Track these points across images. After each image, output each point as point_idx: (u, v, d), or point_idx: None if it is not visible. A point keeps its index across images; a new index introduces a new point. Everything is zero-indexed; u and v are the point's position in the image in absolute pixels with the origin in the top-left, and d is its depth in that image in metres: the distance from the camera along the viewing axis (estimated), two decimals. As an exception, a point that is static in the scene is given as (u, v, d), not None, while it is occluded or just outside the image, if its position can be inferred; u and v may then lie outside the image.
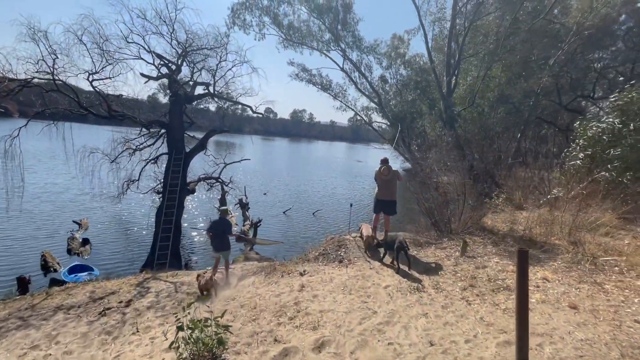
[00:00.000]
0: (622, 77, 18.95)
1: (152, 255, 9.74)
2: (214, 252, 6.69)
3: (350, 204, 7.25)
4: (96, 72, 9.54)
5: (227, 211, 7.44)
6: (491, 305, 3.54)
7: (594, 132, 6.78)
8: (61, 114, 9.89)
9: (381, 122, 25.89)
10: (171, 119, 11.48)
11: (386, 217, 6.43)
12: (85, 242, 11.92)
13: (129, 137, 11.90)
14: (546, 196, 8.60)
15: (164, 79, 11.83)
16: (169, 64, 11.65)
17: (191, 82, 12.35)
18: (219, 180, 14.40)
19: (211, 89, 12.17)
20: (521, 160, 14.38)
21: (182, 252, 11.84)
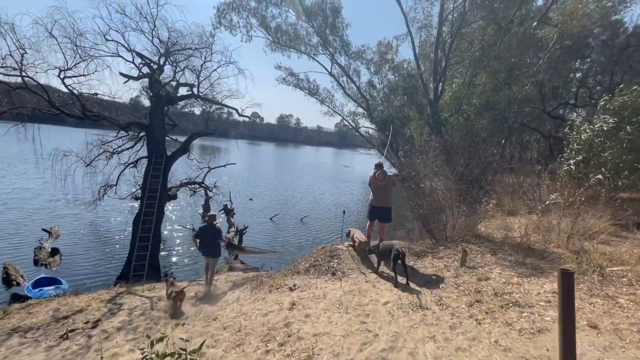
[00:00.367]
0: (600, 87, 19.62)
1: (127, 266, 9.01)
2: (205, 258, 6.53)
3: (343, 211, 6.87)
4: (68, 69, 8.83)
5: (216, 217, 7.06)
6: (504, 325, 3.20)
7: (588, 136, 6.69)
8: (30, 114, 9.13)
9: (369, 127, 25.79)
10: (152, 120, 10.82)
11: (381, 225, 6.08)
12: (54, 252, 10.98)
13: (106, 139, 11.23)
14: (538, 202, 8.52)
15: (145, 79, 11.20)
16: (151, 64, 11.04)
17: (174, 83, 11.76)
18: (203, 185, 13.76)
19: (195, 90, 11.60)
20: (508, 165, 14.46)
21: (162, 262, 11.13)
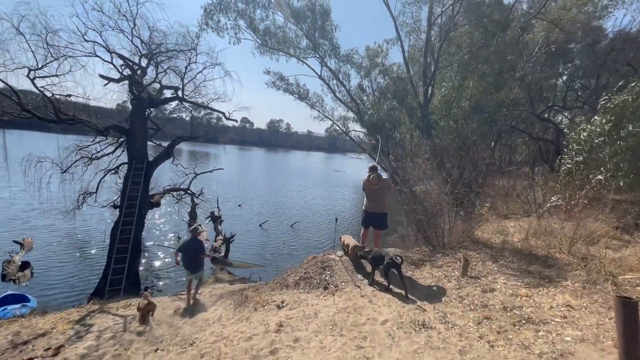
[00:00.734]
0: (588, 90, 19.91)
1: (103, 280, 8.34)
2: (187, 273, 6.21)
3: (335, 219, 6.45)
4: (39, 69, 8.22)
5: (198, 230, 6.65)
6: (520, 348, 2.82)
7: (586, 136, 6.49)
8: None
9: (359, 131, 25.54)
10: (132, 124, 10.25)
11: (376, 232, 5.69)
12: (25, 265, 10.19)
13: (83, 144, 10.59)
14: (533, 205, 8.28)
15: (126, 81, 10.63)
16: (133, 65, 10.49)
17: (157, 85, 11.21)
18: (188, 191, 13.14)
19: (180, 92, 11.07)
20: (498, 166, 14.38)
21: (143, 275, 10.47)
